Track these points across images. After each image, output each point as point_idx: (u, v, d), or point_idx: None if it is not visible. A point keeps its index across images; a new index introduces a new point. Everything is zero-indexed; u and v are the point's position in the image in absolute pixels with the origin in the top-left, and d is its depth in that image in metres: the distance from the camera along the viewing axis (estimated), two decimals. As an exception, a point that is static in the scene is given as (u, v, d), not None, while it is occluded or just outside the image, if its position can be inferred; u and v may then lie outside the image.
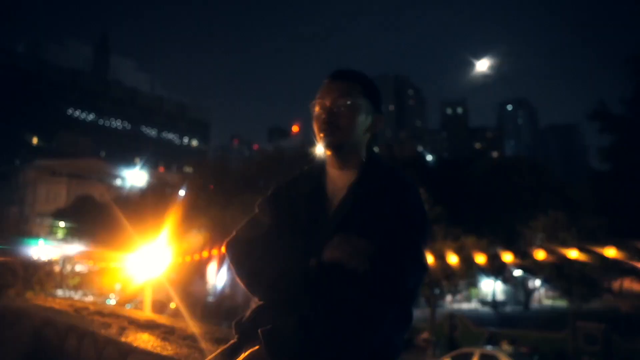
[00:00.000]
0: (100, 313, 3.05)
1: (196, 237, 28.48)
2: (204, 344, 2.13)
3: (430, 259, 19.25)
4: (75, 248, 29.16)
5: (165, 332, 2.37)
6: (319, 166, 1.45)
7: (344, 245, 1.20)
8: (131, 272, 18.44)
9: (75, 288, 27.63)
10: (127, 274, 21.44)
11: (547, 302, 42.18)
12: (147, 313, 3.11)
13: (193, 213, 28.49)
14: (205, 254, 27.85)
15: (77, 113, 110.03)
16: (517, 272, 33.66)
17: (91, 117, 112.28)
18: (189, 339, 2.23)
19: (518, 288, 41.21)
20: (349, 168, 1.38)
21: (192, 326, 2.53)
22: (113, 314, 3.01)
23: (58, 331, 2.74)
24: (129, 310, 3.35)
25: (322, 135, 1.34)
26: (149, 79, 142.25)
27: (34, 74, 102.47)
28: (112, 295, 30.21)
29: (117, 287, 31.70)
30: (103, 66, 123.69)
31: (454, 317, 22.38)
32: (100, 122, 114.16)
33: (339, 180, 1.38)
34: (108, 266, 28.76)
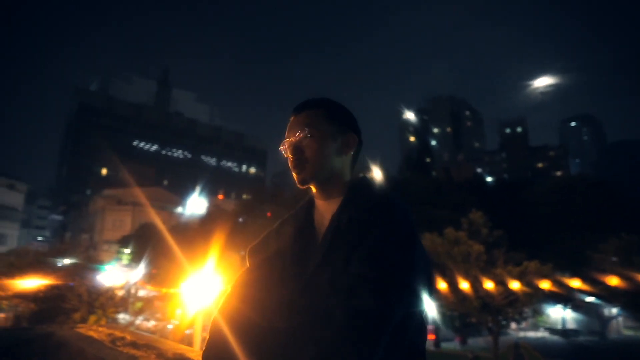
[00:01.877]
0: (134, 344, 3.02)
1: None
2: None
3: (490, 284, 18.33)
4: (138, 273, 30.27)
5: (188, 370, 2.30)
6: (309, 200, 1.39)
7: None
8: (189, 298, 18.84)
9: (138, 313, 28.52)
10: (186, 299, 21.94)
11: (628, 333, 38.94)
12: (179, 345, 3.06)
13: (249, 239, 28.87)
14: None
15: (142, 144, 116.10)
16: (590, 299, 31.41)
17: (154, 148, 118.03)
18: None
19: (592, 316, 38.37)
20: (333, 197, 1.30)
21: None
22: (146, 345, 2.97)
23: (88, 363, 2.74)
24: (164, 341, 3.31)
25: (293, 175, 1.30)
26: (208, 110, 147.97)
27: (104, 110, 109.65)
28: (172, 321, 30.92)
29: (178, 312, 32.42)
30: (165, 99, 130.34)
31: (519, 347, 21.06)
32: (163, 152, 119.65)
33: (325, 211, 1.30)
34: (169, 292, 29.56)
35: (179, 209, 63.36)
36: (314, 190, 1.34)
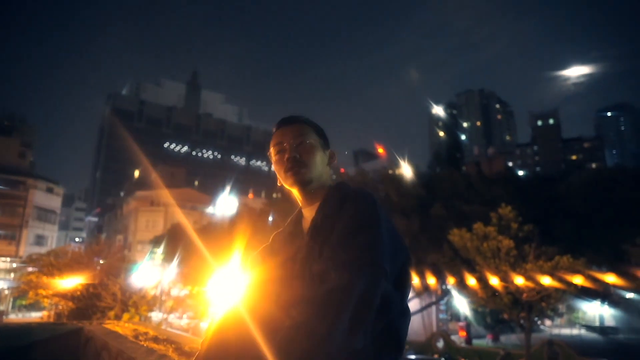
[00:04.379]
0: (155, 339, 3.14)
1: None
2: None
3: (520, 280, 17.98)
4: (170, 273, 30.93)
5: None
6: (299, 210, 1.53)
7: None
8: (218, 297, 19.18)
9: (170, 311, 29.19)
10: (216, 298, 22.34)
11: (672, 330, 37.44)
12: (195, 340, 3.17)
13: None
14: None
15: (173, 146, 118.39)
16: (630, 295, 30.30)
17: (185, 149, 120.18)
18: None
19: (632, 313, 37.01)
20: (315, 202, 1.43)
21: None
22: (166, 340, 3.09)
23: (110, 355, 2.87)
24: (183, 336, 3.43)
25: (290, 173, 1.40)
26: (237, 111, 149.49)
27: (135, 113, 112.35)
28: (205, 318, 31.49)
29: (210, 310, 32.96)
30: (194, 101, 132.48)
31: (553, 344, 20.57)
32: (193, 153, 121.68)
33: (309, 216, 1.43)
34: (200, 290, 30.10)
35: (210, 209, 64.22)
36: (300, 197, 1.47)
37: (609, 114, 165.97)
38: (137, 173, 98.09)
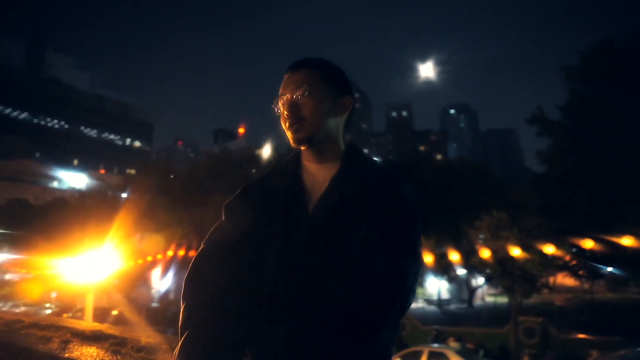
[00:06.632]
0: (37, 326, 2.71)
1: (140, 242, 27.43)
2: (160, 356, 1.91)
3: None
4: (5, 255, 27.35)
5: (116, 344, 2.12)
6: (294, 160, 1.35)
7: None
8: (69, 279, 17.43)
9: (5, 299, 25.86)
10: (65, 281, 20.29)
11: (490, 300, 43.85)
12: (90, 322, 2.84)
13: (137, 216, 27.37)
14: (149, 258, 26.88)
15: (9, 111, 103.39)
16: (461, 271, 34.71)
17: (24, 115, 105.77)
18: (143, 351, 1.99)
19: (462, 286, 42.55)
20: (328, 160, 1.29)
21: (146, 336, 2.28)
22: (52, 326, 2.69)
23: (-15, 349, 2.40)
24: (70, 320, 3.02)
25: (290, 131, 1.26)
26: (88, 77, 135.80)
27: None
28: (47, 305, 28.53)
29: (53, 295, 30.03)
30: (38, 63, 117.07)
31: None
32: (35, 121, 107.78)
33: (318, 174, 1.29)
34: (43, 273, 27.15)
35: (55, 184, 58.12)
36: (306, 151, 1.31)
37: (452, 111, 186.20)
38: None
